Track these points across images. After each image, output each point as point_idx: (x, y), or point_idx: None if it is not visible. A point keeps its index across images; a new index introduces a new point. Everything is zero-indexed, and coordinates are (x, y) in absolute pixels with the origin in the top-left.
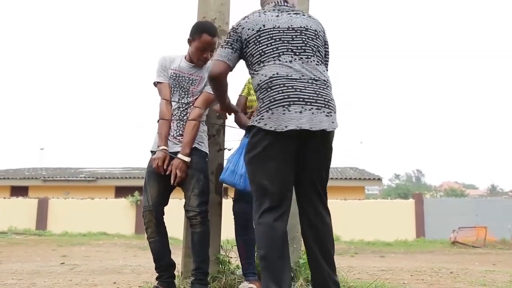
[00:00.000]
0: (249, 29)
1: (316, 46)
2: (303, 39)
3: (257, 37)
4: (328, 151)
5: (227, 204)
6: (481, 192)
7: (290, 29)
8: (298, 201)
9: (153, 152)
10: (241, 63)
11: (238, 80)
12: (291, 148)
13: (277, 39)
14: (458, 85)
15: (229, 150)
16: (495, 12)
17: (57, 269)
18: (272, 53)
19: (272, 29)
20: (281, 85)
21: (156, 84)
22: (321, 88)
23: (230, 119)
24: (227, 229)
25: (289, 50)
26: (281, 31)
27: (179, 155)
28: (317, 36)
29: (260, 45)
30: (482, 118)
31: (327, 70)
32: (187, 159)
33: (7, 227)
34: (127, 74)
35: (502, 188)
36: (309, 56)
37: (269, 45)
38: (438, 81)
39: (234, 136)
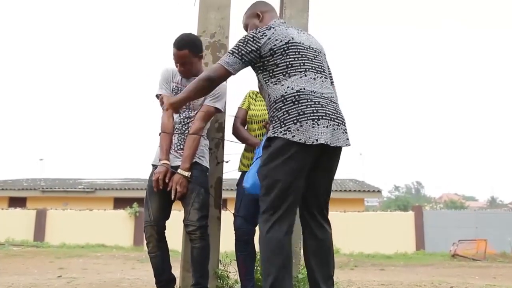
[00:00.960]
0: (276, 40)
1: (327, 69)
2: (321, 60)
3: (285, 49)
4: (336, 166)
5: (225, 217)
6: (481, 204)
7: (311, 48)
8: (301, 213)
9: (154, 166)
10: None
11: (236, 88)
12: (310, 161)
13: (303, 55)
14: (458, 97)
15: (226, 162)
16: (493, 20)
17: (54, 282)
18: (299, 67)
19: (299, 44)
20: (309, 100)
21: (158, 96)
22: (337, 106)
23: (229, 132)
24: (225, 243)
25: (313, 68)
26: (305, 48)
27: (179, 170)
28: (325, 59)
29: (288, 57)
30: (482, 130)
31: (334, 85)
32: (187, 174)
33: (4, 238)
34: (127, 85)
35: (502, 200)
36: (326, 77)
37: (296, 59)
38: (438, 92)
39: (233, 150)
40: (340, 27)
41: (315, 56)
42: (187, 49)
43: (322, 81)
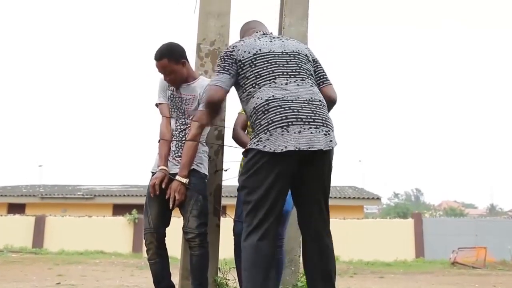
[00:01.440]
0: (245, 51)
1: (309, 70)
2: (297, 63)
3: (253, 60)
4: (329, 169)
5: (224, 224)
6: (481, 211)
7: (284, 53)
8: (300, 222)
9: (153, 173)
10: None
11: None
12: (290, 168)
13: (273, 63)
14: (459, 100)
15: (225, 171)
16: (494, 20)
17: None
18: (268, 76)
19: (267, 53)
20: (278, 107)
21: (157, 105)
22: (318, 108)
23: (229, 139)
24: (224, 250)
25: (285, 73)
26: (276, 55)
27: (177, 177)
28: (308, 60)
29: (256, 67)
30: (482, 137)
31: (329, 83)
32: (185, 180)
33: (3, 245)
34: (128, 92)
35: (501, 208)
36: (304, 79)
37: (264, 68)
38: (439, 96)
39: (233, 157)
40: (340, 27)
41: (288, 60)
42: (165, 58)
43: (298, 85)
